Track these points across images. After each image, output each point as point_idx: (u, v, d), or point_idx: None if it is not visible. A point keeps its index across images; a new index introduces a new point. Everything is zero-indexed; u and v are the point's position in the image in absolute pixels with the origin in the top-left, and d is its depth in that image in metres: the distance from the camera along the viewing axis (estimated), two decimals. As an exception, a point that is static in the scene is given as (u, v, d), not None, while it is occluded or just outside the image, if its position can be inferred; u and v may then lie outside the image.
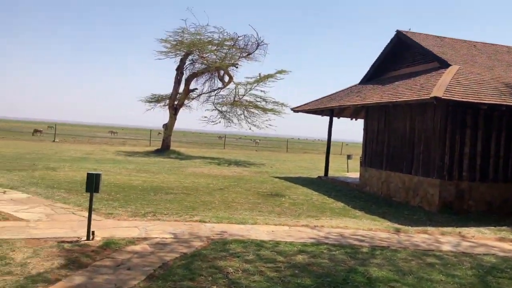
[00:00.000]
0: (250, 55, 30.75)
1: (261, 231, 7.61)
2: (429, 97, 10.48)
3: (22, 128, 68.28)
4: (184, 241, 6.63)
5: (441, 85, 10.83)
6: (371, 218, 9.82)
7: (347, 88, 18.01)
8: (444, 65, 12.70)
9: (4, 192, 9.79)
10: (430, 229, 8.84)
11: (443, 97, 10.29)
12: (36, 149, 25.08)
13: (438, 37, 15.49)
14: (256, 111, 30.11)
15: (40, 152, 22.96)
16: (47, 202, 9.08)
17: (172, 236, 6.89)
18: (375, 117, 14.92)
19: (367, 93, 14.99)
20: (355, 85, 17.77)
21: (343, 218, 9.67)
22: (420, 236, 8.15)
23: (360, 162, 16.46)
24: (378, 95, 13.94)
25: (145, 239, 6.63)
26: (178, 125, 34.28)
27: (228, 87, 31.10)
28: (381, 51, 16.24)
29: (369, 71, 17.18)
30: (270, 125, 30.07)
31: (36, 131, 47.61)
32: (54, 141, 36.83)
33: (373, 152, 14.92)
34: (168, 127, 31.12)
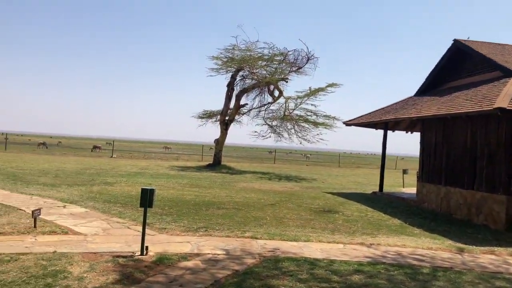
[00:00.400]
0: (300, 69, 30.71)
1: (315, 249, 7.38)
2: (492, 108, 9.87)
3: (82, 145, 71.82)
4: (236, 258, 6.54)
5: (505, 95, 10.17)
6: (430, 237, 9.29)
7: (402, 101, 17.43)
8: (508, 74, 11.96)
9: (64, 207, 10.19)
10: (497, 249, 8.22)
11: (508, 108, 9.64)
12: (95, 165, 26.16)
13: (499, 44, 14.69)
14: (307, 125, 29.86)
15: (99, 168, 23.91)
16: (104, 216, 9.34)
17: (224, 253, 6.83)
18: (432, 130, 14.27)
19: (423, 105, 14.40)
20: (410, 97, 17.17)
21: (400, 236, 9.21)
22: (486, 257, 7.57)
23: (417, 177, 15.76)
24: (435, 107, 13.33)
25: (197, 255, 6.61)
26: (229, 140, 34.68)
27: (278, 101, 31.17)
28: (437, 61, 15.64)
29: (424, 82, 16.56)
30: (321, 139, 29.68)
31: (95, 147, 49.87)
32: (111, 156, 38.33)
33: (430, 166, 14.24)
34: (219, 142, 31.53)
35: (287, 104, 29.93)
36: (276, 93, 31.19)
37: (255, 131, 31.69)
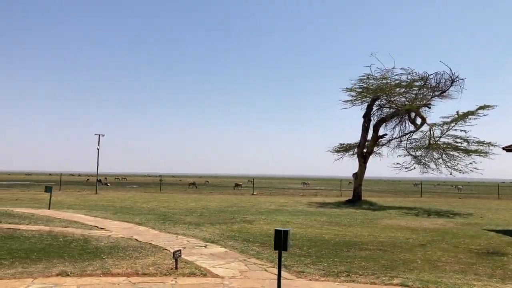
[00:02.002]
0: (444, 93, 28.20)
1: (483, 303, 6.05)
2: None
3: (227, 183, 76.12)
4: (384, 311, 5.63)
5: None
6: None
7: None
8: None
9: (206, 246, 10.35)
10: None
11: None
12: (236, 202, 27.10)
13: None
14: (457, 154, 26.86)
15: (240, 205, 24.63)
16: (241, 257, 9.17)
17: (370, 303, 5.97)
18: None
19: None
20: None
21: None
22: None
23: None
24: None
25: (338, 305, 5.88)
26: (369, 173, 33.09)
27: (421, 129, 28.89)
28: None
29: None
30: (475, 168, 26.30)
31: (236, 185, 52.31)
32: (252, 194, 39.58)
33: None
34: (358, 176, 30.24)
35: (432, 132, 27.51)
36: (419, 120, 29.01)
37: (397, 163, 29.67)
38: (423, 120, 28.50)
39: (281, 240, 5.92)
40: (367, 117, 30.21)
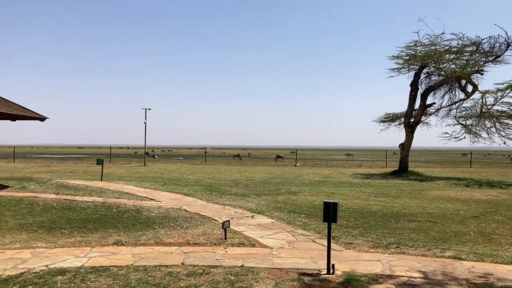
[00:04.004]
0: (498, 58, 26.62)
1: (544, 278, 5.81)
2: None
3: (269, 155, 76.41)
4: (437, 283, 5.53)
5: None
6: None
7: None
8: None
9: (252, 217, 10.50)
10: None
11: None
12: (280, 174, 27.20)
13: None
14: (512, 122, 25.59)
15: (283, 177, 24.71)
16: (288, 227, 9.24)
17: (422, 276, 5.87)
18: None
19: None
20: None
21: None
22: None
23: None
24: None
25: (389, 277, 5.81)
26: (415, 143, 32.21)
27: (472, 97, 27.63)
28: None
29: None
30: (531, 137, 25.02)
31: (278, 156, 52.45)
32: (295, 165, 39.56)
33: None
34: (405, 146, 29.49)
35: (484, 100, 26.22)
36: (470, 88, 27.69)
37: (446, 132, 28.68)
38: (475, 87, 27.17)
39: (330, 212, 5.89)
40: (414, 85, 29.16)
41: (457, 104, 28.71)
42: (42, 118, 16.56)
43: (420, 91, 29.30)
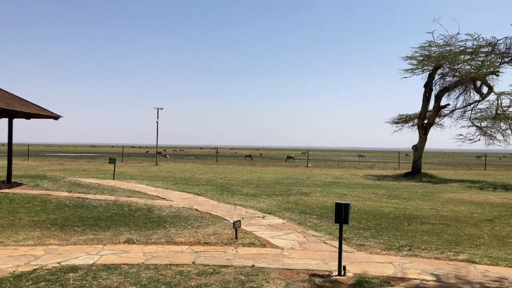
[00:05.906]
0: (515, 59, 26.20)
1: (560, 283, 5.68)
2: None
3: (280, 155, 76.31)
4: (450, 287, 5.44)
5: None
6: None
7: None
8: None
9: (264, 217, 10.47)
10: None
11: None
12: (291, 175, 27.13)
13: None
14: (528, 125, 25.19)
15: (295, 177, 24.64)
16: (299, 228, 9.20)
17: (434, 279, 5.78)
18: None
19: None
20: None
21: None
22: None
23: None
24: None
25: (402, 279, 5.74)
26: (429, 145, 31.86)
27: (487, 99, 27.25)
28: None
29: None
30: (548, 140, 24.60)
31: (289, 157, 52.33)
32: (307, 166, 39.43)
33: None
34: (418, 148, 29.21)
35: (500, 101, 25.85)
36: (485, 89, 27.33)
37: (461, 134, 28.31)
38: (490, 89, 26.81)
39: (341, 213, 5.84)
40: (428, 86, 28.87)
41: (472, 106, 28.38)
42: (56, 117, 16.74)
43: (434, 92, 29.03)
